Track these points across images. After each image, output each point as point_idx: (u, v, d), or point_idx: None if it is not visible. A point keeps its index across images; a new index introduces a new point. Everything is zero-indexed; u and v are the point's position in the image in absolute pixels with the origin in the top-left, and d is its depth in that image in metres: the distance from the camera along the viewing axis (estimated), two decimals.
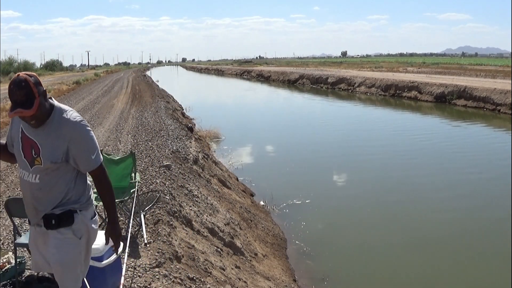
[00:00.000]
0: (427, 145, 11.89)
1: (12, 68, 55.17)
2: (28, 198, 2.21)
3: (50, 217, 2.19)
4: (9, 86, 1.98)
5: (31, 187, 2.16)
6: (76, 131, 2.10)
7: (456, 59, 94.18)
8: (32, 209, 2.22)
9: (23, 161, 2.13)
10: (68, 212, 2.21)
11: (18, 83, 1.95)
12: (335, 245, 5.71)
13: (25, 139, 2.11)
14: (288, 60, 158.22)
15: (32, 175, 2.13)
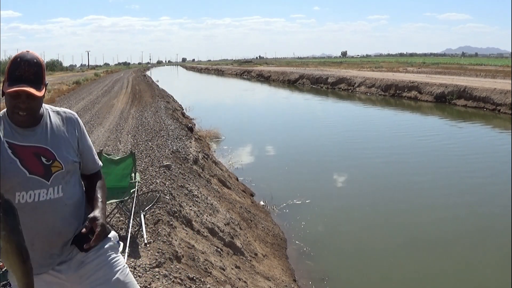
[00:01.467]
0: (427, 145, 11.89)
1: None
2: (48, 227, 1.62)
3: (84, 235, 1.66)
4: (13, 60, 1.59)
5: (53, 207, 1.62)
6: (81, 127, 1.78)
7: (456, 59, 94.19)
8: (55, 240, 1.64)
9: (30, 179, 1.59)
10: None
11: (29, 59, 1.58)
12: (335, 245, 5.71)
13: (21, 151, 1.59)
14: (288, 60, 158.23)
15: (53, 188, 1.62)
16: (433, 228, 6.19)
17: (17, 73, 1.56)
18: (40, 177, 1.60)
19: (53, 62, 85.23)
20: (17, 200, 1.58)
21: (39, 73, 1.60)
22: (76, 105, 18.27)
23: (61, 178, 1.64)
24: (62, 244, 1.66)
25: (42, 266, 1.65)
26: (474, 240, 5.83)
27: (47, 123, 1.68)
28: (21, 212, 1.53)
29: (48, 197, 1.61)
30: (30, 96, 1.56)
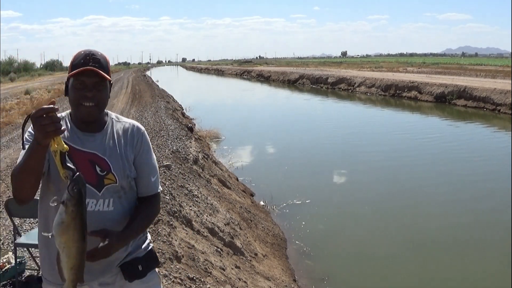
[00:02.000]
0: (428, 145, 11.89)
1: (12, 68, 55.18)
2: (92, 239, 1.47)
3: (134, 263, 1.59)
4: (76, 53, 1.53)
5: (99, 220, 1.50)
6: (144, 141, 1.62)
7: (456, 59, 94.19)
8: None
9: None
10: (152, 250, 1.68)
11: (93, 51, 1.53)
12: (335, 245, 5.71)
13: (76, 155, 1.48)
14: (288, 60, 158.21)
15: (103, 201, 1.52)
16: (433, 228, 6.18)
17: (82, 60, 1.49)
18: (92, 187, 1.50)
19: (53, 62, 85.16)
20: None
21: (105, 63, 1.53)
22: None
23: (113, 192, 1.53)
24: (103, 264, 1.53)
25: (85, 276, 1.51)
26: (474, 240, 5.82)
27: (109, 132, 1.58)
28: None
29: (96, 209, 1.52)
30: (96, 84, 1.48)
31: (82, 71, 1.45)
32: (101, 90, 1.50)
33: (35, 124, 1.24)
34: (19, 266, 3.36)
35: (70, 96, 1.51)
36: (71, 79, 1.49)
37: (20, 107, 15.80)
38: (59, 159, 1.31)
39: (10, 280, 3.30)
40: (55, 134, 1.26)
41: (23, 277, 3.42)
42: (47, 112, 1.24)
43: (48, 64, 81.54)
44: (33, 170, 1.35)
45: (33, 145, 1.30)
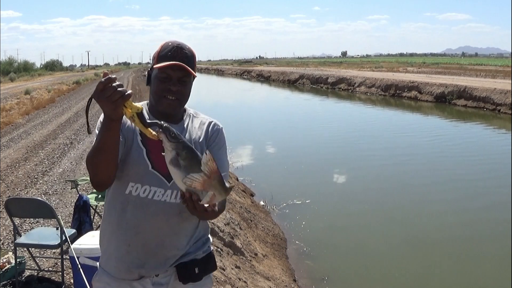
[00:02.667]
0: (428, 145, 11.89)
1: (12, 68, 55.22)
2: (153, 231, 1.48)
3: (191, 265, 1.53)
4: (163, 44, 1.50)
5: (165, 211, 1.47)
6: (219, 138, 1.59)
7: (456, 59, 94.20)
8: (154, 249, 1.49)
9: (151, 173, 1.46)
10: (211, 253, 1.62)
11: (182, 44, 1.49)
12: (335, 245, 5.71)
13: (151, 142, 1.38)
14: (288, 60, 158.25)
15: (172, 191, 1.47)
16: (434, 228, 6.18)
17: (170, 53, 1.46)
18: (162, 175, 1.45)
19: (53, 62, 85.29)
20: (128, 190, 1.46)
21: (192, 57, 1.50)
22: (76, 105, 18.27)
23: None
24: (160, 258, 1.50)
25: (129, 272, 1.50)
26: (474, 241, 5.82)
27: (186, 126, 1.55)
28: (129, 205, 1.47)
29: (163, 199, 1.47)
30: (182, 79, 1.46)
31: (170, 65, 1.43)
32: (186, 85, 1.48)
33: (100, 100, 1.21)
34: (19, 266, 3.36)
35: (153, 86, 1.49)
36: (156, 70, 1.46)
37: (20, 107, 15.80)
38: (139, 121, 1.26)
39: (10, 280, 3.30)
40: (124, 100, 1.22)
41: (23, 277, 3.42)
42: (106, 83, 1.20)
43: (48, 64, 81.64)
44: (110, 150, 1.32)
45: (106, 122, 1.27)
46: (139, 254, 1.49)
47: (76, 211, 4.01)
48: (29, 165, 7.53)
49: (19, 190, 6.07)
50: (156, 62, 1.47)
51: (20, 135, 10.65)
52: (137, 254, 1.49)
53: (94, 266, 2.94)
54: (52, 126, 12.14)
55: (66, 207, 5.26)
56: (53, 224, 4.18)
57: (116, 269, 1.52)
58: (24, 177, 6.75)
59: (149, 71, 1.53)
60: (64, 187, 6.10)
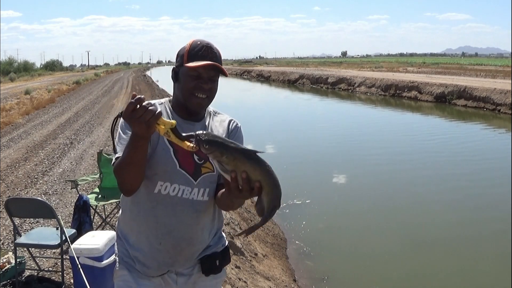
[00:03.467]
0: (428, 145, 11.89)
1: (12, 68, 55.24)
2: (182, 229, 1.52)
3: (213, 257, 1.60)
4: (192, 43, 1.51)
5: (194, 209, 1.52)
6: (239, 136, 1.62)
7: (456, 59, 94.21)
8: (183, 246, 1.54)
9: (178, 172, 1.49)
10: (227, 246, 1.69)
11: (210, 44, 1.51)
12: (335, 245, 5.71)
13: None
14: (288, 60, 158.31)
15: (199, 190, 1.51)
16: (434, 228, 6.18)
17: (201, 53, 1.47)
18: (188, 174, 1.50)
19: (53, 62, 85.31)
20: (157, 189, 1.49)
21: (220, 58, 1.52)
22: (76, 105, 18.28)
23: (209, 181, 1.53)
24: (188, 254, 1.55)
25: (159, 269, 1.55)
26: (475, 242, 5.82)
27: (207, 123, 1.59)
28: (159, 204, 1.50)
29: (191, 197, 1.51)
30: (213, 78, 1.49)
31: (205, 65, 1.45)
32: (215, 83, 1.52)
33: (131, 121, 1.23)
34: (19, 266, 3.36)
35: (182, 84, 1.50)
36: (186, 68, 1.47)
37: (20, 107, 15.81)
38: (175, 136, 1.27)
39: (10, 280, 3.30)
40: (156, 119, 1.23)
41: (23, 277, 3.42)
42: (137, 104, 1.22)
43: (48, 64, 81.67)
44: (138, 164, 1.35)
45: (135, 140, 1.29)
46: (170, 252, 1.52)
47: (76, 211, 4.01)
48: (29, 165, 7.53)
49: (19, 190, 6.07)
50: (186, 60, 1.48)
51: (20, 135, 10.65)
52: (168, 252, 1.52)
53: (94, 266, 2.95)
54: (52, 126, 12.14)
55: (66, 207, 5.26)
56: (53, 224, 4.18)
57: (145, 267, 1.54)
58: (24, 177, 6.75)
59: (175, 68, 1.53)
60: (64, 187, 6.10)
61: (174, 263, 1.54)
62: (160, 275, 1.56)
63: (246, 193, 1.27)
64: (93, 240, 3.05)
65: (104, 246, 3.00)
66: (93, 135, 10.53)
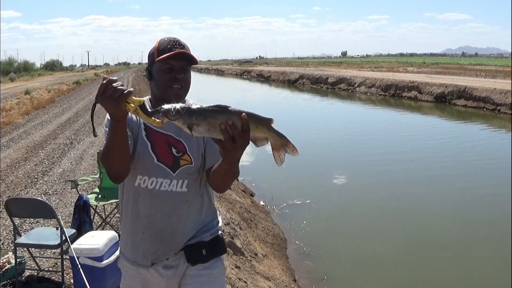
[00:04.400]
0: (428, 145, 11.88)
1: (12, 68, 55.25)
2: (163, 220, 1.58)
3: (198, 246, 1.62)
4: (158, 41, 1.57)
5: (172, 200, 1.58)
6: None
7: (456, 59, 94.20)
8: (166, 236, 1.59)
9: (156, 166, 1.56)
10: (219, 236, 1.69)
11: (179, 39, 1.56)
12: (335, 246, 5.71)
13: (154, 136, 1.57)
14: (288, 60, 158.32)
15: (177, 181, 1.57)
16: (434, 228, 6.18)
17: (169, 46, 1.53)
18: (167, 167, 1.56)
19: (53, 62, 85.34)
20: (137, 183, 1.58)
21: (188, 48, 1.56)
22: (76, 105, 18.28)
23: (187, 173, 1.58)
24: (171, 245, 1.60)
25: (144, 258, 1.62)
26: (475, 240, 5.82)
27: None
28: (140, 197, 1.59)
29: (170, 189, 1.57)
30: (184, 67, 1.53)
31: (173, 54, 1.50)
32: (188, 73, 1.57)
33: (103, 102, 1.27)
34: (19, 266, 3.36)
35: (157, 79, 1.55)
36: (158, 64, 1.53)
37: (20, 107, 15.80)
38: (143, 113, 1.29)
39: (10, 280, 3.30)
40: (125, 96, 1.27)
41: (23, 277, 3.42)
42: (107, 85, 1.26)
43: (48, 64, 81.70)
44: (119, 147, 1.40)
45: (112, 124, 1.34)
46: (152, 242, 1.59)
47: (76, 211, 4.01)
48: (29, 165, 7.53)
49: (19, 190, 6.07)
50: (156, 56, 1.53)
51: (20, 135, 10.65)
52: (151, 242, 1.60)
53: (94, 266, 2.95)
54: (52, 126, 12.14)
55: (66, 207, 5.26)
56: (53, 224, 4.18)
57: (133, 254, 1.64)
58: (24, 177, 6.75)
59: (148, 67, 1.60)
60: (64, 187, 6.10)
61: (157, 251, 1.60)
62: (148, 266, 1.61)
63: (240, 140, 1.23)
64: (93, 240, 3.06)
65: (104, 246, 3.00)
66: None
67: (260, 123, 1.29)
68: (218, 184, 1.56)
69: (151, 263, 1.61)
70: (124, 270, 1.69)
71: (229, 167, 1.40)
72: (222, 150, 1.28)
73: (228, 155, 1.30)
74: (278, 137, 1.33)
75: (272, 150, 1.33)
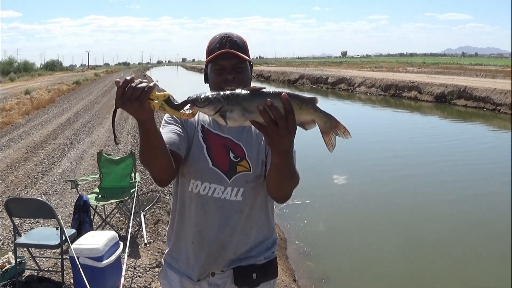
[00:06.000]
0: (428, 145, 11.88)
1: (12, 68, 55.30)
2: (213, 229, 1.46)
3: (249, 269, 1.48)
4: (212, 38, 1.48)
5: (225, 209, 1.45)
6: None
7: (456, 59, 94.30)
8: (213, 248, 1.47)
9: (211, 170, 1.44)
10: (273, 260, 1.55)
11: (229, 33, 1.46)
12: (335, 245, 5.71)
13: (212, 139, 1.45)
14: (288, 60, 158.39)
15: (232, 189, 1.44)
16: (434, 228, 6.18)
17: (218, 44, 1.43)
18: (222, 172, 1.43)
19: (53, 62, 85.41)
20: (190, 188, 1.46)
21: (241, 43, 1.45)
22: (76, 105, 18.28)
23: (244, 181, 1.44)
24: (220, 259, 1.47)
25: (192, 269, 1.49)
26: (475, 240, 5.82)
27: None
28: (192, 203, 1.46)
29: (223, 196, 1.44)
30: (236, 66, 1.42)
31: (218, 54, 1.40)
32: (241, 72, 1.44)
33: (124, 104, 1.14)
34: (19, 266, 3.36)
35: (210, 81, 1.48)
36: (210, 65, 1.45)
37: (20, 107, 15.81)
38: (169, 108, 1.18)
39: (10, 280, 3.30)
40: (147, 94, 1.14)
41: (23, 277, 3.42)
42: (124, 87, 1.14)
43: (48, 64, 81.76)
44: (155, 150, 1.26)
45: (141, 127, 1.22)
46: (200, 253, 1.47)
47: (76, 211, 4.01)
48: (29, 165, 7.53)
49: (19, 190, 6.07)
50: (207, 57, 1.46)
51: (20, 135, 10.65)
52: (199, 253, 1.47)
53: (94, 266, 2.95)
54: (52, 126, 12.14)
55: (66, 207, 5.26)
56: (53, 224, 4.18)
57: (182, 264, 1.52)
58: (24, 177, 6.75)
59: (205, 69, 1.52)
60: (64, 187, 6.10)
61: (205, 265, 1.47)
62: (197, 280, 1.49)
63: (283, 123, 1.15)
64: (93, 240, 3.06)
65: (104, 246, 3.00)
66: (93, 135, 10.53)
67: (304, 103, 1.17)
68: (274, 188, 1.42)
69: (197, 279, 1.48)
70: (165, 284, 1.55)
71: (279, 160, 1.26)
72: (267, 137, 1.16)
73: (275, 144, 1.18)
74: (326, 117, 1.23)
75: (322, 134, 1.22)
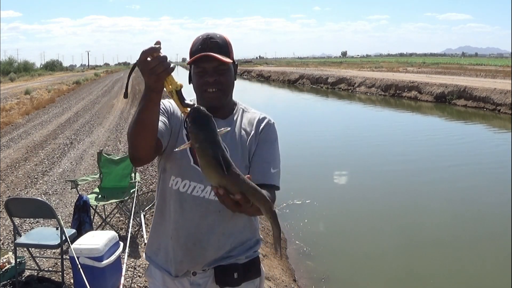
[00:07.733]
0: (428, 146, 11.88)
1: (12, 68, 55.32)
2: (190, 227, 1.46)
3: (230, 269, 1.48)
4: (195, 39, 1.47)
5: (203, 207, 1.45)
6: (270, 133, 1.63)
7: (456, 59, 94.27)
8: (190, 246, 1.47)
9: (192, 168, 1.43)
10: (256, 259, 1.55)
11: (212, 34, 1.46)
12: (335, 245, 5.71)
13: None
14: (288, 60, 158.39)
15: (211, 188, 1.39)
16: (434, 228, 6.18)
17: (200, 46, 1.42)
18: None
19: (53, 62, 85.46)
20: (170, 184, 1.47)
21: (224, 45, 1.44)
22: (76, 105, 18.28)
23: None
24: (198, 258, 1.47)
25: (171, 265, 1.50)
26: (475, 240, 5.82)
27: (234, 121, 1.54)
28: (171, 199, 1.47)
29: (202, 195, 1.44)
30: (217, 69, 1.42)
31: (198, 57, 1.40)
32: (223, 74, 1.44)
33: (143, 70, 1.17)
34: (19, 266, 3.36)
35: (193, 83, 1.49)
36: (192, 66, 1.46)
37: (20, 107, 15.81)
38: (177, 97, 1.23)
39: (10, 280, 3.30)
40: (166, 74, 1.17)
41: (23, 277, 3.42)
42: (151, 53, 1.15)
43: (48, 64, 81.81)
44: (148, 123, 1.26)
45: (147, 93, 1.21)
46: (177, 250, 1.48)
47: (76, 211, 4.01)
48: (29, 165, 7.53)
49: (19, 190, 6.07)
50: (189, 58, 1.45)
51: (20, 135, 10.65)
52: (176, 249, 1.48)
53: (94, 266, 2.95)
54: (52, 126, 12.14)
55: (66, 207, 5.26)
56: (53, 224, 4.18)
57: (162, 259, 1.53)
58: (24, 177, 6.75)
59: (189, 69, 1.52)
60: (64, 187, 6.10)
61: (182, 262, 1.48)
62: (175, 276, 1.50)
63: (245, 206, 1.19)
64: (93, 240, 3.06)
65: (104, 246, 3.00)
66: (93, 135, 10.53)
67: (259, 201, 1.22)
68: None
69: (175, 274, 1.49)
70: (151, 282, 1.57)
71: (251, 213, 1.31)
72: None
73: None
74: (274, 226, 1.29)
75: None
